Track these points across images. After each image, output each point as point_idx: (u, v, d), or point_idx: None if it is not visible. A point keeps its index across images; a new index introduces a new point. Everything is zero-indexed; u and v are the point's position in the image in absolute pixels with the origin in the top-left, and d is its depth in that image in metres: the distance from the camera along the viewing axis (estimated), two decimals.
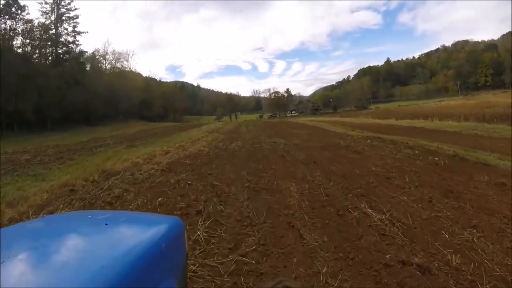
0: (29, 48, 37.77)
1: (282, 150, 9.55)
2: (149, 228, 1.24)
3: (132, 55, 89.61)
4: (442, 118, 23.40)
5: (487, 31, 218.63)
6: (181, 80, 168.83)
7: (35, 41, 37.88)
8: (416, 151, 7.61)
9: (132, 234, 1.21)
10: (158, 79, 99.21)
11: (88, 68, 50.82)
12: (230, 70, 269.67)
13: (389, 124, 23.09)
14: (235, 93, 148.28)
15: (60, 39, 39.77)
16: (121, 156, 9.02)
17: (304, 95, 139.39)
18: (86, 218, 1.49)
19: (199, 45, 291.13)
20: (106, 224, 1.21)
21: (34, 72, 31.79)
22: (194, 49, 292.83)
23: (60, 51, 39.73)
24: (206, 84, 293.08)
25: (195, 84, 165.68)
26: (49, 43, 38.94)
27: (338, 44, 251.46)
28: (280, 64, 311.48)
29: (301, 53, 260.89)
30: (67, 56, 40.42)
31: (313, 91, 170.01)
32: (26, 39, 37.11)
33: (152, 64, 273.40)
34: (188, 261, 2.10)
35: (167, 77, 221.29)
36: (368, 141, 10.39)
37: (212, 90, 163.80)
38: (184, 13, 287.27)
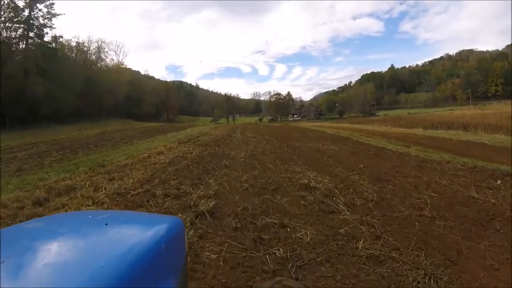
0: None
1: None
2: (149, 228, 1.19)
3: (122, 46, 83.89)
4: (487, 130, 19.42)
5: (489, 42, 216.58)
6: (180, 80, 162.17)
7: (2, 23, 32.52)
8: None
9: (132, 234, 1.17)
10: (152, 76, 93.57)
11: (76, 58, 45.89)
12: (230, 72, 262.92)
13: (428, 136, 17.96)
14: (235, 95, 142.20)
15: (32, 21, 34.14)
16: None
17: (304, 99, 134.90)
18: (86, 218, 1.45)
19: (200, 46, 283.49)
20: (106, 224, 1.17)
21: None
22: (195, 50, 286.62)
23: (31, 35, 34.05)
24: (206, 85, 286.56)
25: (194, 84, 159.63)
26: (18, 25, 33.38)
27: (340, 50, 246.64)
28: (281, 68, 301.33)
29: (302, 58, 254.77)
30: (39, 41, 34.70)
31: (312, 96, 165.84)
32: None
33: (152, 63, 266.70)
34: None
35: (167, 77, 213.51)
36: (499, 182, 5.03)
37: (211, 91, 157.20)
38: (186, 15, 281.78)
